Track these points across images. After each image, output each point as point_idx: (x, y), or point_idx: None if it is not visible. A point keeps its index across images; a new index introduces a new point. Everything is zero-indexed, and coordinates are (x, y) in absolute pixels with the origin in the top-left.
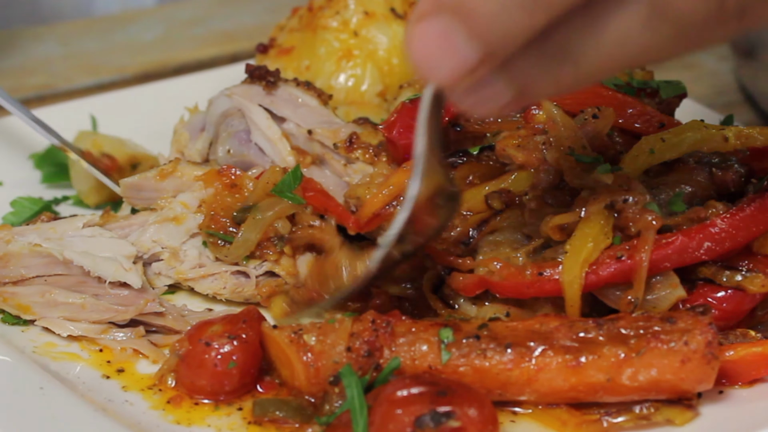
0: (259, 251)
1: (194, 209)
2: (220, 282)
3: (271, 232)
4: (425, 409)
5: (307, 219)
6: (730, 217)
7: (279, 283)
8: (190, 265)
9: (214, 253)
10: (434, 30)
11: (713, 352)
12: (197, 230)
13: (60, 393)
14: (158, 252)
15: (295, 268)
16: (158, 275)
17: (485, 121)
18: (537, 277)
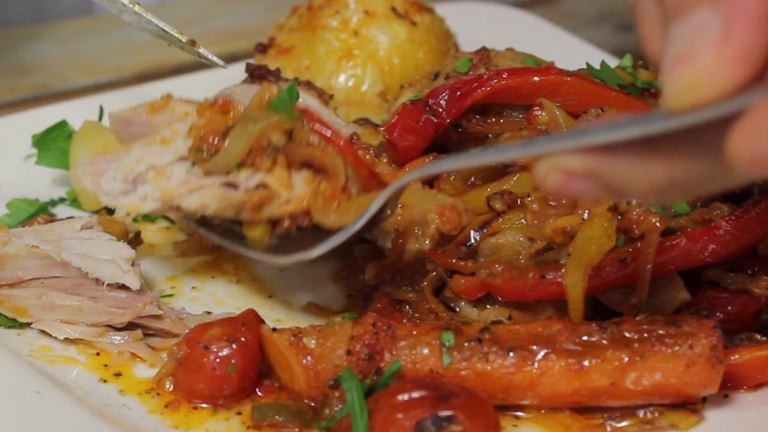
0: (251, 160)
1: (184, 135)
2: (208, 194)
3: (264, 140)
4: (426, 414)
5: (305, 136)
6: (735, 219)
7: (271, 194)
8: (176, 182)
9: (203, 167)
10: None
11: (718, 356)
12: (185, 154)
13: (56, 397)
14: (143, 172)
15: (289, 180)
16: (144, 200)
17: (487, 122)
18: (539, 280)
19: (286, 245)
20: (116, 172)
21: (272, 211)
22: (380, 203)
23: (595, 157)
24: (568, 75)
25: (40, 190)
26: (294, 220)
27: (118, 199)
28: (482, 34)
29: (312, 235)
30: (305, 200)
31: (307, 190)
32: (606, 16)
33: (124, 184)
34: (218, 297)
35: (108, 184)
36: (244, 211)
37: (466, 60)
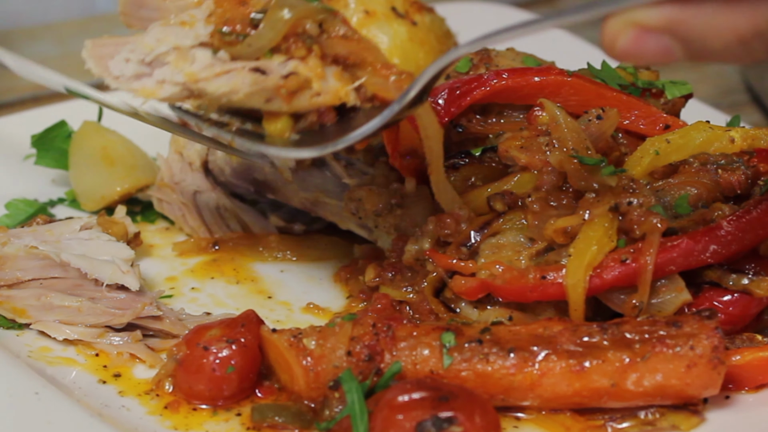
0: (285, 46)
1: (203, 20)
2: (238, 78)
3: (299, 27)
4: (427, 415)
5: (338, 26)
6: (737, 219)
7: (306, 81)
8: (201, 65)
9: (231, 51)
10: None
11: (719, 357)
12: (208, 39)
13: (55, 398)
14: (162, 53)
15: (323, 71)
16: (161, 84)
17: (488, 123)
18: (540, 280)
19: (307, 139)
20: (131, 54)
21: (302, 103)
22: (435, 70)
23: (675, 7)
24: (568, 75)
25: (39, 190)
26: (320, 115)
27: (130, 83)
28: (483, 33)
29: (336, 131)
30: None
31: (338, 86)
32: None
33: (139, 66)
34: (218, 298)
35: (119, 66)
36: (275, 98)
37: (466, 60)
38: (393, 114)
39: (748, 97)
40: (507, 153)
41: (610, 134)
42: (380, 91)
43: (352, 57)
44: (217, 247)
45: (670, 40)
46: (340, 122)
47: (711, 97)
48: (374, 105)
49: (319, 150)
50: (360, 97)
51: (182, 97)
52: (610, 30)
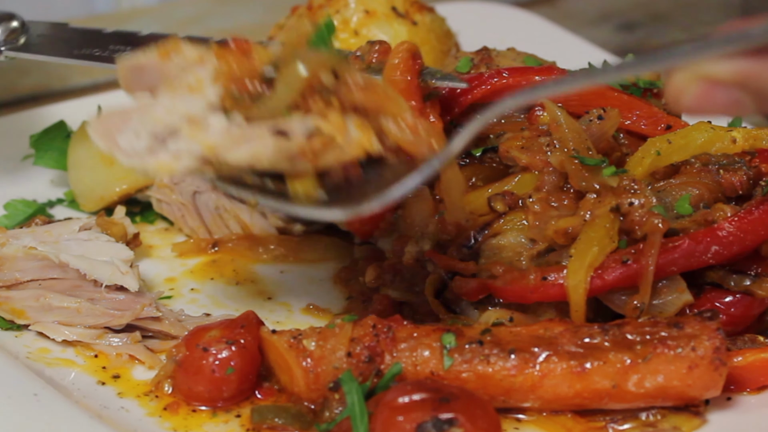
0: (302, 103)
1: (210, 81)
2: (259, 144)
3: (315, 81)
4: (427, 416)
5: (352, 74)
6: (738, 220)
7: (332, 138)
8: (217, 134)
9: (246, 114)
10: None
11: (721, 358)
12: (218, 102)
13: (54, 400)
14: (175, 125)
15: (345, 124)
16: (177, 157)
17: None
18: (541, 281)
19: (333, 198)
20: (141, 127)
21: (328, 160)
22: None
23: (747, 61)
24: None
25: (38, 190)
26: (345, 170)
27: (143, 158)
28: (483, 33)
29: (361, 185)
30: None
31: (361, 136)
32: (608, 15)
33: (151, 140)
34: (217, 299)
35: (129, 142)
36: (301, 160)
37: (467, 60)
38: (433, 170)
39: None
40: (508, 153)
41: (611, 134)
42: (408, 145)
43: (371, 106)
44: (217, 247)
45: (741, 93)
46: (366, 175)
47: None
48: (400, 158)
49: (354, 210)
50: (385, 148)
51: (200, 169)
52: (676, 84)
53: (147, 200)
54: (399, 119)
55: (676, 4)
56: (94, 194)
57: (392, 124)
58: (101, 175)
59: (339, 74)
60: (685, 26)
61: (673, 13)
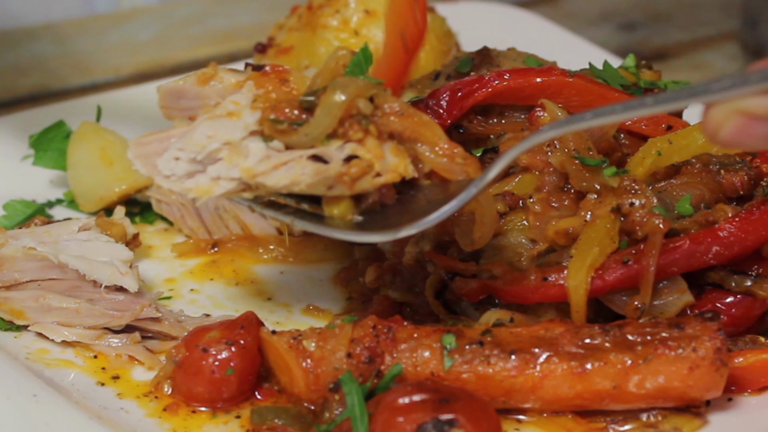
0: (342, 130)
1: (248, 107)
2: (297, 169)
3: (353, 108)
4: (427, 417)
5: (389, 101)
6: (739, 220)
7: (369, 164)
8: (256, 159)
9: (285, 140)
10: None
11: (722, 359)
12: (257, 127)
13: (54, 400)
14: (215, 150)
15: (381, 151)
16: (216, 181)
17: (489, 123)
18: (541, 282)
19: (371, 220)
20: (181, 152)
21: (365, 185)
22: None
23: None
24: (570, 75)
25: (37, 191)
26: (381, 195)
27: (182, 182)
28: (484, 33)
29: (396, 209)
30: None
31: (397, 161)
32: (609, 15)
33: (191, 164)
34: (217, 299)
35: (169, 165)
36: (338, 185)
37: (467, 60)
38: (470, 197)
39: None
40: None
41: (611, 135)
42: (443, 171)
43: (407, 132)
44: (216, 248)
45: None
46: (400, 199)
47: None
48: (433, 182)
49: (391, 234)
50: (418, 172)
51: (239, 192)
52: (714, 118)
53: (146, 201)
54: (434, 146)
55: (677, 4)
56: (93, 194)
57: (428, 150)
58: (101, 176)
59: (376, 101)
60: (685, 26)
61: (674, 13)
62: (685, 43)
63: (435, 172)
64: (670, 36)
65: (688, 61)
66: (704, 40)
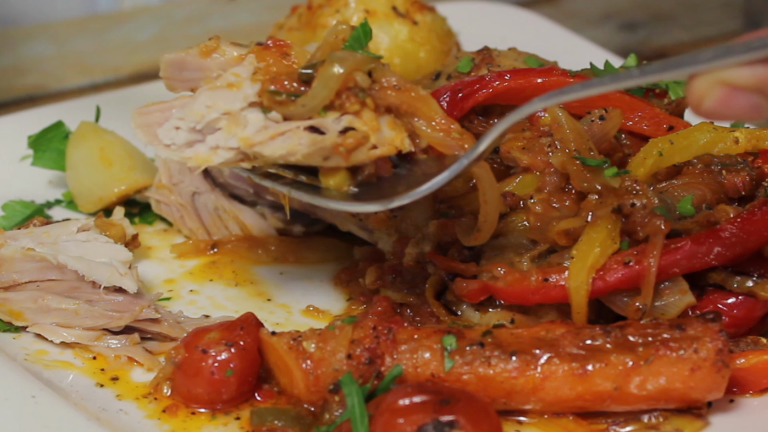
0: (339, 102)
1: (249, 79)
2: (294, 139)
3: (350, 81)
4: (428, 419)
5: (387, 75)
6: (741, 221)
7: (365, 135)
8: (254, 129)
9: (283, 111)
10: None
11: (723, 360)
12: (256, 98)
13: (52, 402)
14: (214, 119)
15: (378, 123)
16: (215, 150)
17: (489, 123)
18: (542, 283)
19: (366, 192)
20: (180, 121)
21: (360, 157)
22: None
23: (766, 68)
24: (571, 76)
25: (36, 191)
26: (377, 167)
27: (182, 150)
28: (484, 33)
29: (391, 182)
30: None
31: (394, 135)
32: (610, 15)
33: (191, 133)
34: (216, 300)
35: (169, 134)
36: (334, 156)
37: (468, 60)
38: (462, 168)
39: None
40: (509, 154)
41: (613, 135)
42: (439, 145)
43: (404, 106)
44: (216, 249)
45: (760, 98)
46: (396, 172)
47: None
48: (430, 156)
49: (384, 204)
50: (415, 146)
51: (237, 161)
52: (697, 89)
53: (146, 201)
54: (431, 120)
55: (678, 4)
56: (92, 195)
57: (424, 124)
58: (100, 176)
59: (374, 75)
60: (687, 26)
61: (675, 13)
62: (686, 44)
63: (432, 147)
64: (672, 36)
65: None
66: (706, 40)
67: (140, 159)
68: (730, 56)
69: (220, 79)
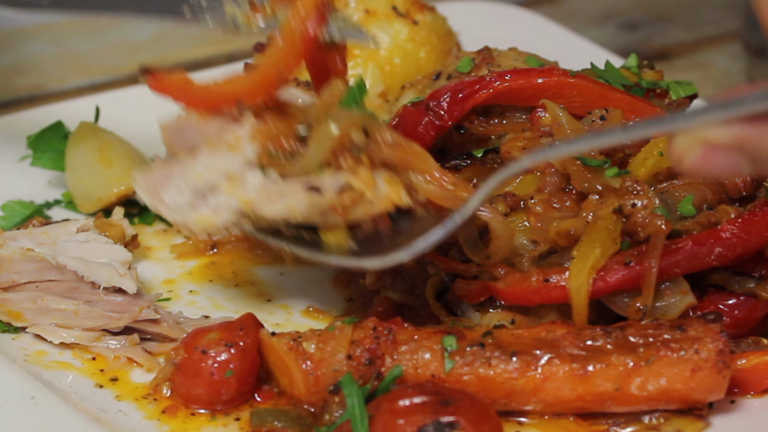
0: (334, 160)
1: (248, 139)
2: (292, 199)
3: (346, 139)
4: (428, 420)
5: (382, 131)
6: (742, 221)
7: (361, 193)
8: (254, 189)
9: (281, 171)
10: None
11: (724, 361)
12: (255, 158)
13: (52, 403)
14: (214, 181)
15: (374, 180)
16: (217, 211)
17: (489, 124)
18: (543, 283)
19: (366, 248)
20: (182, 184)
21: (358, 214)
22: (498, 181)
23: (744, 127)
24: (571, 76)
25: (35, 192)
26: (375, 223)
27: (185, 213)
28: (485, 33)
29: (391, 236)
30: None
31: (390, 190)
32: (611, 15)
33: (193, 195)
34: (216, 301)
35: (173, 197)
36: (332, 214)
37: (468, 60)
38: (455, 224)
39: None
40: (510, 154)
41: None
42: (436, 198)
43: (399, 162)
44: (216, 249)
45: (738, 157)
46: (396, 226)
47: None
48: (428, 211)
49: (382, 261)
50: (413, 201)
51: (239, 222)
52: (678, 147)
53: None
54: (425, 174)
55: (679, 4)
56: (91, 195)
57: (420, 178)
58: (99, 176)
59: (369, 132)
60: (687, 26)
61: (676, 13)
62: (687, 43)
63: (431, 202)
64: (673, 36)
65: (691, 61)
66: (707, 39)
67: (139, 159)
68: (708, 115)
69: (220, 140)
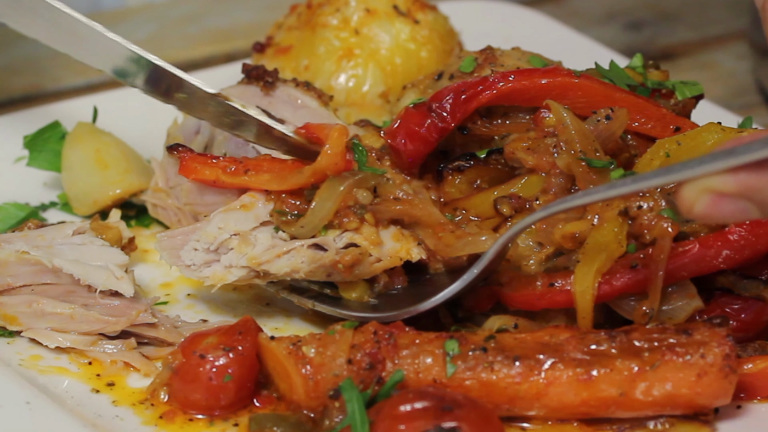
0: (338, 220)
1: (263, 199)
2: (297, 257)
3: (350, 200)
4: (429, 425)
5: (391, 190)
6: (750, 224)
7: (362, 252)
8: (262, 248)
9: (288, 230)
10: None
11: (731, 366)
12: (268, 218)
13: (47, 408)
14: (226, 240)
15: (378, 238)
16: (229, 269)
17: (493, 124)
18: (548, 288)
19: (385, 302)
20: (197, 243)
21: (364, 271)
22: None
23: (750, 174)
24: (576, 76)
25: (31, 193)
26: (390, 278)
27: (200, 270)
28: (487, 32)
29: (408, 290)
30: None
31: (398, 246)
32: (615, 14)
33: (207, 254)
34: (214, 304)
35: (189, 256)
36: (335, 272)
37: (470, 59)
38: (472, 278)
39: (760, 99)
40: (513, 155)
41: (619, 136)
42: (445, 253)
43: (406, 218)
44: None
45: (745, 203)
46: (416, 280)
47: (722, 98)
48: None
49: (396, 314)
50: (428, 253)
51: (250, 279)
52: (686, 196)
53: (142, 204)
54: (431, 228)
55: (685, 3)
56: (88, 198)
57: (429, 234)
58: (95, 179)
59: (379, 190)
60: (693, 25)
61: (681, 12)
62: (692, 43)
63: None
64: (678, 35)
65: (696, 61)
66: (712, 39)
67: (137, 161)
68: (713, 164)
69: (236, 201)
